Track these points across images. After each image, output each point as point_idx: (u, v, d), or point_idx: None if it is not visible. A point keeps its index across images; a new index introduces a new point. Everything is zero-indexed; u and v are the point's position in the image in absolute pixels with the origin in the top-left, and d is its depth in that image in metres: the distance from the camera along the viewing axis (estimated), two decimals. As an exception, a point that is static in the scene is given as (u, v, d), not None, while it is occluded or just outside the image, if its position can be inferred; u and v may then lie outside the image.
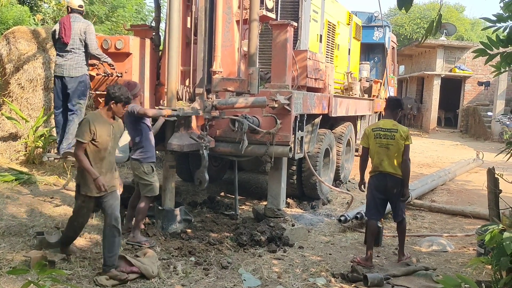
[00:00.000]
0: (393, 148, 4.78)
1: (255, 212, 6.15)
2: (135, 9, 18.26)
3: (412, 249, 5.44)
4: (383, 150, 4.82)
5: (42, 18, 14.52)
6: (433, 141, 18.22)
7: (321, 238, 5.73)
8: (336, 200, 7.75)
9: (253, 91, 5.31)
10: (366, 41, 11.45)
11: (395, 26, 31.96)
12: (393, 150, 4.78)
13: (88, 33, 5.98)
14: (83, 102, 6.07)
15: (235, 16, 5.93)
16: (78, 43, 5.97)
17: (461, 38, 31.73)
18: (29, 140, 7.96)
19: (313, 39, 7.83)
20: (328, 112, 7.29)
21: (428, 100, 22.77)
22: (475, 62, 21.41)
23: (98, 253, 4.59)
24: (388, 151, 4.80)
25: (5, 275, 3.93)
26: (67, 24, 5.99)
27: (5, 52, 8.73)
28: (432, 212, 7.16)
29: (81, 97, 6.04)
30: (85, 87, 6.05)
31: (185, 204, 6.26)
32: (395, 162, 4.79)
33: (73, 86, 5.97)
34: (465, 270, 4.72)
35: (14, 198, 6.00)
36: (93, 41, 5.99)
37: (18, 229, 5.04)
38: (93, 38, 6.01)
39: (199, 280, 4.23)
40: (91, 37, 5.99)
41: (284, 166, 6.36)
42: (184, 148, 5.35)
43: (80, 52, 5.99)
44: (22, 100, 8.46)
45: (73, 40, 5.96)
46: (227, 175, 8.64)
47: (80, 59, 5.98)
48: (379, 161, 4.84)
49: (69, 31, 5.96)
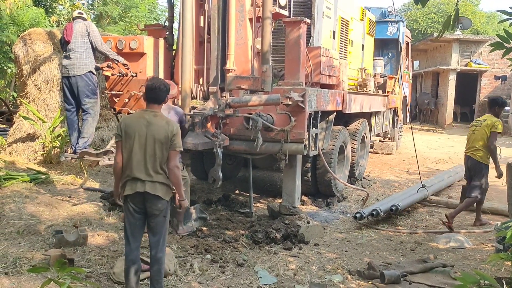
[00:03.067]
0: (477, 134, 5.96)
1: (270, 210, 6.15)
2: (148, 9, 18.41)
3: (429, 246, 5.39)
4: (470, 135, 6.11)
5: (57, 20, 14.73)
6: (449, 137, 18.01)
7: (336, 235, 5.72)
8: (351, 197, 7.72)
9: (267, 88, 5.32)
10: (380, 37, 11.35)
11: (409, 21, 31.64)
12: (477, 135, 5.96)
13: (90, 30, 6.03)
14: (93, 100, 6.08)
15: (248, 14, 5.94)
16: (81, 42, 6.03)
17: (477, 31, 31.29)
18: (47, 140, 8.08)
19: (327, 35, 7.80)
20: (342, 108, 7.25)
21: (443, 95, 22.49)
22: (491, 56, 21.08)
23: (116, 251, 4.65)
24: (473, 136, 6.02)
25: (26, 273, 4.00)
26: (69, 26, 6.11)
27: (22, 53, 8.87)
28: (449, 208, 7.07)
29: (90, 96, 6.05)
30: (92, 85, 6.07)
31: (200, 202, 6.30)
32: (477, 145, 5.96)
33: (79, 84, 6.02)
34: (484, 266, 4.66)
35: (33, 197, 6.09)
36: (97, 38, 6.04)
37: (37, 228, 5.12)
38: (96, 35, 6.06)
39: (216, 277, 4.25)
40: (94, 34, 6.04)
41: (298, 163, 6.35)
42: (198, 147, 5.37)
43: (83, 52, 6.04)
44: (39, 101, 8.58)
45: (75, 39, 6.04)
46: (242, 173, 8.66)
47: (84, 58, 6.03)
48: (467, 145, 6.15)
49: (70, 31, 6.07)
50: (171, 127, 3.53)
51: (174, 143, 3.52)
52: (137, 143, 3.47)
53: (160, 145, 3.48)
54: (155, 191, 3.47)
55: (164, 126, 3.52)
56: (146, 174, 3.46)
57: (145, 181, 3.45)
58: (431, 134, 19.26)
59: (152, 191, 3.46)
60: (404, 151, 13.12)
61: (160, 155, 3.49)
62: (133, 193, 3.48)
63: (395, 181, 9.19)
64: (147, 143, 3.47)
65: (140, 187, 3.46)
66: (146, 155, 3.47)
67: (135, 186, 3.46)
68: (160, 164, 3.49)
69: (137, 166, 3.47)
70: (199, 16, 6.24)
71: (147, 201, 3.50)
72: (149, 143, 3.48)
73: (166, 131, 3.50)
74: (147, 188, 3.45)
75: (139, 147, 3.47)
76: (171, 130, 3.52)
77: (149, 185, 3.46)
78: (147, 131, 3.49)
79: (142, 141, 3.48)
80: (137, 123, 3.52)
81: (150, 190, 3.46)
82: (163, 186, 3.51)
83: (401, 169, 10.56)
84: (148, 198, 3.48)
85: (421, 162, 8.96)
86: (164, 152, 3.50)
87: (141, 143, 3.48)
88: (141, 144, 3.47)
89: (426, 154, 12.97)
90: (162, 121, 3.56)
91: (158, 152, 3.48)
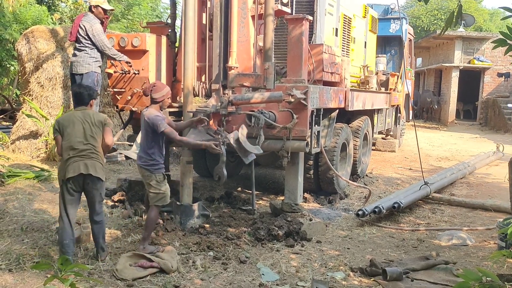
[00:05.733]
0: None
1: (272, 207, 6.16)
2: (150, 7, 18.40)
3: (431, 243, 5.40)
4: None
5: (59, 17, 14.73)
6: (451, 134, 17.97)
7: (338, 232, 5.72)
8: (353, 194, 7.72)
9: (269, 86, 5.31)
10: (382, 34, 11.33)
11: (411, 18, 31.52)
12: None
13: (94, 35, 6.05)
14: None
15: (250, 11, 5.93)
16: (84, 41, 6.05)
17: (480, 29, 31.15)
18: (49, 138, 8.10)
19: (329, 32, 7.78)
20: (345, 106, 7.25)
21: (446, 92, 22.44)
22: (494, 53, 21.00)
23: (118, 248, 4.67)
24: None
25: (29, 270, 4.02)
26: (75, 23, 6.13)
27: (25, 51, 8.89)
28: (452, 205, 7.08)
29: None
30: (92, 84, 6.10)
31: (202, 200, 6.30)
32: None
33: (82, 82, 6.08)
34: (486, 263, 4.67)
35: (36, 194, 6.12)
36: (99, 42, 6.06)
37: (40, 225, 5.15)
38: (98, 40, 6.07)
39: (218, 274, 4.26)
40: (96, 39, 6.07)
41: (301, 161, 6.35)
42: (201, 144, 5.37)
43: (86, 50, 6.06)
44: (42, 99, 8.61)
45: (78, 38, 6.07)
46: (244, 171, 8.67)
47: (87, 57, 6.06)
48: None
49: (73, 29, 6.09)
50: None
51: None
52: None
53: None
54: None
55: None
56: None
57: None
58: (433, 131, 19.22)
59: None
60: (407, 148, 13.11)
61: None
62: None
63: (398, 178, 9.18)
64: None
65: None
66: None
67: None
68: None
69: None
70: (201, 13, 6.23)
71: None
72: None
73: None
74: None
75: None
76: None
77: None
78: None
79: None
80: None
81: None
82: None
83: (404, 166, 10.56)
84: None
85: (423, 159, 8.94)
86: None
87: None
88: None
89: (428, 151, 12.96)
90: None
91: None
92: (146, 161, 4.68)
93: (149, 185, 4.71)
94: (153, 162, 4.68)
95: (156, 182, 4.68)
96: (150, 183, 4.69)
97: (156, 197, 4.71)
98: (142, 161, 4.70)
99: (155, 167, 4.69)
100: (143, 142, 4.76)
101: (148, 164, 4.67)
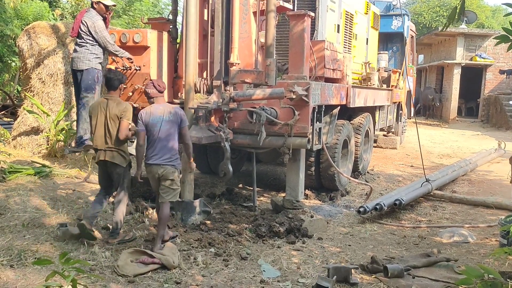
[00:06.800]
0: None
1: (273, 204, 6.16)
2: (151, 3, 18.36)
3: (433, 240, 5.39)
4: None
5: (61, 13, 14.72)
6: (453, 131, 17.94)
7: (340, 229, 5.72)
8: (354, 191, 7.71)
9: (271, 82, 5.30)
10: (384, 31, 11.30)
11: (413, 14, 31.44)
12: None
13: (96, 32, 6.03)
14: (91, 95, 6.11)
15: (252, 7, 5.91)
16: (85, 37, 6.03)
17: (482, 25, 31.04)
18: (51, 134, 8.09)
19: (331, 29, 7.76)
20: (346, 102, 7.23)
21: (448, 89, 22.39)
22: (496, 50, 20.95)
23: (119, 245, 4.67)
24: None
25: (30, 266, 4.03)
26: (77, 19, 6.12)
27: (26, 47, 8.87)
28: (453, 203, 7.07)
29: (88, 91, 6.09)
30: (92, 81, 6.10)
31: (204, 196, 6.31)
32: None
33: (82, 78, 6.09)
34: (488, 261, 4.66)
35: (37, 190, 6.12)
36: (101, 39, 6.04)
37: (41, 221, 5.15)
38: (101, 36, 6.05)
39: (219, 270, 4.27)
40: (98, 35, 6.04)
41: (302, 157, 6.35)
42: (202, 141, 5.37)
43: (87, 46, 6.04)
44: (43, 95, 8.59)
45: (79, 34, 6.05)
46: (245, 167, 8.66)
47: (87, 53, 6.04)
48: None
49: (75, 25, 6.08)
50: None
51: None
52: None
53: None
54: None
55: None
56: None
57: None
58: (435, 128, 19.19)
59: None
60: (408, 145, 13.09)
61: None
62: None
63: (399, 175, 9.17)
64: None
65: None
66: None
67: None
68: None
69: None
70: (203, 9, 6.22)
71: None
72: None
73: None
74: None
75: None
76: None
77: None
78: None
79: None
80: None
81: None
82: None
83: (405, 163, 10.55)
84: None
85: (425, 156, 8.93)
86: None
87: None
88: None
89: (430, 148, 12.94)
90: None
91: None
92: (171, 157, 4.61)
93: (168, 181, 4.63)
94: (177, 157, 4.68)
95: (177, 177, 4.69)
96: (171, 179, 4.63)
97: (173, 193, 4.69)
98: (165, 159, 4.59)
99: (178, 161, 4.71)
100: (164, 140, 4.59)
101: (173, 160, 4.63)
